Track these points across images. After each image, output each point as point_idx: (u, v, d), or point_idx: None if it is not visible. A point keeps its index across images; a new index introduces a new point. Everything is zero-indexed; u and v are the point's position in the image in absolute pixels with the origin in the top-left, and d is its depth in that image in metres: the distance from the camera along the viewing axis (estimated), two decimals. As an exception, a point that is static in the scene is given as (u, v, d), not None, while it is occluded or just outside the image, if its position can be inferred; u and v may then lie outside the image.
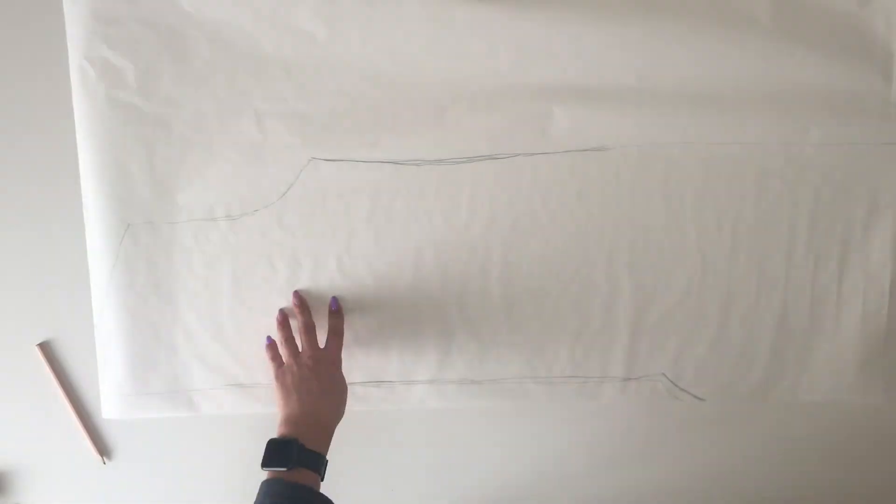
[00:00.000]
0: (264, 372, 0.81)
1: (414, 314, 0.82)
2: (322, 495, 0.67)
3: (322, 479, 0.68)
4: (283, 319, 0.80)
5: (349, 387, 0.77)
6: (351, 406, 0.77)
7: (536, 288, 0.81)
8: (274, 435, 0.69)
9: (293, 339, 0.79)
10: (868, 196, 0.79)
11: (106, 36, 0.77)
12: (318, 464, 0.68)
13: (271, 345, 0.80)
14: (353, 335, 0.82)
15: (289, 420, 0.71)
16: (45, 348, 0.83)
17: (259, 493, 0.65)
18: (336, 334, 0.79)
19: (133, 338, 0.81)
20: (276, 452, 0.67)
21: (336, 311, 0.80)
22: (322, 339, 0.79)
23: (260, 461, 0.67)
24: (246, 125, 0.79)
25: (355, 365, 0.82)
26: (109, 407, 0.82)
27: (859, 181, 0.79)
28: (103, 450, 0.85)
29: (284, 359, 0.77)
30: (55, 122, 0.79)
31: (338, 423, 0.74)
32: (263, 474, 0.66)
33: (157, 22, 0.77)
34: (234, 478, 0.85)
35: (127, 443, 0.85)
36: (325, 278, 0.81)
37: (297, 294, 0.80)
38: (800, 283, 0.81)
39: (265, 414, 0.80)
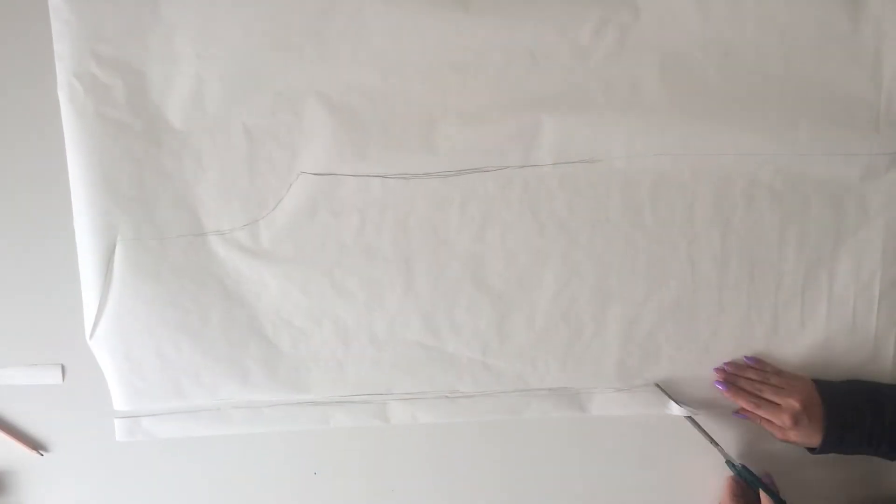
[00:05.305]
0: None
1: (405, 328, 0.82)
2: None
3: None
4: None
5: (341, 398, 0.78)
6: (342, 422, 0.78)
7: (527, 300, 0.81)
8: None
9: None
10: (857, 205, 0.79)
11: (94, 53, 0.77)
12: None
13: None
14: (344, 349, 0.82)
15: None
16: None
17: None
18: None
19: (124, 354, 0.81)
20: None
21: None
22: None
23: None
24: (235, 140, 0.79)
25: (347, 380, 0.83)
26: (122, 431, 0.84)
27: (848, 190, 0.79)
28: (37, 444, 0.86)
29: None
30: (45, 139, 0.79)
31: None
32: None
33: (145, 38, 0.77)
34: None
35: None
36: (316, 292, 0.81)
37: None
38: (790, 291, 0.81)
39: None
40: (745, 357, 0.82)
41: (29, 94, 0.79)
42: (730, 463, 0.81)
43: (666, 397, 0.82)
